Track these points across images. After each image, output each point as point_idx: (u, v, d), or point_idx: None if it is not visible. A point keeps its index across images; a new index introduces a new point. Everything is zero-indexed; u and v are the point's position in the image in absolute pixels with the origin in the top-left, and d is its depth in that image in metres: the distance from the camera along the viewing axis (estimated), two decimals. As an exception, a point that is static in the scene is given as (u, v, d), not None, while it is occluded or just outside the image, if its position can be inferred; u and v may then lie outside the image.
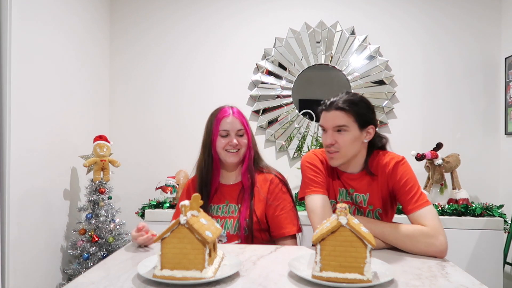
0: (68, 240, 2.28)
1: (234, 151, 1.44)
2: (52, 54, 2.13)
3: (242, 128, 1.45)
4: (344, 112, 1.26)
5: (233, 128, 1.43)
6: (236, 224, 1.40)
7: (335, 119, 1.27)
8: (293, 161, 2.75)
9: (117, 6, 2.82)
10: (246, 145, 1.46)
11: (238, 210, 1.42)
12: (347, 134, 1.27)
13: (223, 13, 2.78)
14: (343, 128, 1.27)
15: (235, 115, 1.45)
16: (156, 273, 0.90)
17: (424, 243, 1.15)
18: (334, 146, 1.28)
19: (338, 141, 1.27)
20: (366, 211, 1.34)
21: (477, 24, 2.69)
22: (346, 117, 1.26)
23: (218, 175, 1.49)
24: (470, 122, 2.69)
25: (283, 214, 1.42)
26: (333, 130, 1.28)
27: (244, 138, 1.46)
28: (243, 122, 1.46)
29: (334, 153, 1.29)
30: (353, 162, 1.34)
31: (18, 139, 1.83)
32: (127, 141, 2.78)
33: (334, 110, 1.27)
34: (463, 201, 2.34)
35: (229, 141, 1.43)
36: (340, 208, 0.88)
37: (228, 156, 1.44)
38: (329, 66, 2.72)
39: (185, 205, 0.91)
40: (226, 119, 1.44)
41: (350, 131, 1.27)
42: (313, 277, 0.90)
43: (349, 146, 1.28)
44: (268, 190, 1.44)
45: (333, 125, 1.28)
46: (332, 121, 1.28)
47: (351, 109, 1.26)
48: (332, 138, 1.28)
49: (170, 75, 2.80)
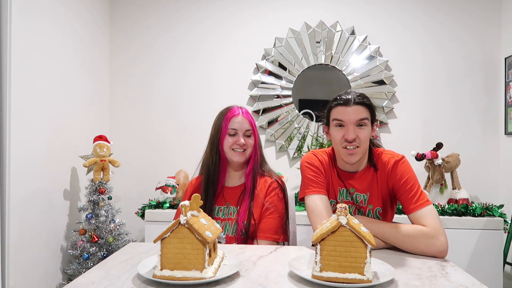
0: (68, 240, 2.28)
1: (240, 150, 1.44)
2: (52, 54, 2.13)
3: (250, 128, 1.46)
4: (364, 107, 1.28)
5: (241, 128, 1.44)
6: (234, 226, 1.40)
7: (358, 113, 1.27)
8: (293, 161, 2.75)
9: (117, 6, 2.81)
10: (252, 146, 1.47)
11: (237, 212, 1.42)
12: (367, 129, 1.28)
13: (222, 13, 2.78)
14: (365, 122, 1.28)
15: (244, 115, 1.46)
16: (156, 273, 0.90)
17: (425, 244, 1.15)
18: (355, 141, 1.27)
19: (359, 136, 1.27)
20: (366, 211, 1.34)
21: (477, 24, 2.69)
22: (366, 111, 1.28)
23: (225, 174, 1.49)
24: (470, 122, 2.69)
25: (270, 219, 1.40)
26: (355, 124, 1.27)
27: (251, 139, 1.46)
28: (251, 123, 1.47)
29: (355, 149, 1.28)
30: (360, 160, 1.34)
31: (18, 139, 1.83)
32: (127, 141, 2.78)
33: (355, 105, 1.27)
34: (463, 201, 2.34)
35: (237, 140, 1.43)
36: (340, 208, 0.88)
37: (234, 155, 1.44)
38: (329, 66, 2.72)
39: (185, 205, 0.91)
40: (235, 118, 1.44)
41: (368, 126, 1.29)
42: (313, 277, 0.90)
43: (367, 142, 1.30)
44: (266, 192, 1.44)
45: (356, 119, 1.27)
46: (355, 115, 1.27)
47: (369, 106, 1.29)
48: (354, 133, 1.27)
49: (170, 74, 2.80)
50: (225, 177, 1.49)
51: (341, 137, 1.28)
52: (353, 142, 1.26)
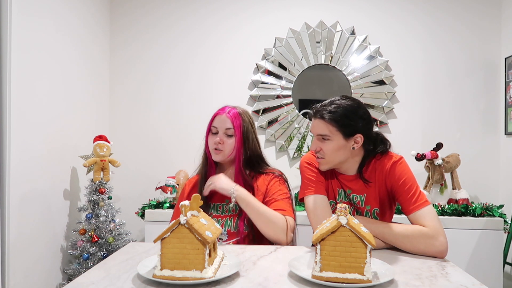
0: (68, 240, 2.28)
1: (218, 149, 1.42)
2: (52, 53, 2.13)
3: (231, 127, 1.42)
4: (326, 123, 1.26)
5: (221, 126, 1.42)
6: (237, 221, 1.40)
7: (317, 127, 1.29)
8: (293, 161, 2.75)
9: (117, 4, 2.81)
10: (231, 147, 1.42)
11: (239, 209, 1.41)
12: (330, 142, 1.27)
13: (223, 13, 2.78)
14: (325, 137, 1.27)
15: (227, 114, 1.43)
16: (156, 273, 0.90)
17: (424, 244, 1.15)
18: (319, 152, 1.30)
19: (322, 148, 1.28)
20: (364, 212, 1.34)
21: (477, 24, 2.69)
22: (329, 126, 1.26)
23: (213, 173, 1.47)
24: (470, 122, 2.69)
25: (277, 200, 1.40)
26: (317, 137, 1.30)
27: (231, 139, 1.42)
28: (233, 123, 1.42)
29: (320, 159, 1.31)
30: (345, 167, 1.34)
31: (18, 139, 1.83)
32: (127, 141, 2.78)
33: (318, 119, 1.29)
34: (463, 201, 2.34)
35: (215, 138, 1.43)
36: (340, 208, 0.88)
37: (213, 154, 1.44)
38: (329, 66, 2.71)
39: (185, 205, 0.91)
40: (218, 116, 1.44)
41: (333, 140, 1.27)
42: (313, 277, 0.90)
43: (333, 154, 1.28)
44: (267, 186, 1.45)
45: (315, 133, 1.30)
46: (314, 129, 1.30)
47: (333, 121, 1.25)
48: (316, 145, 1.30)
49: (170, 74, 2.80)
50: None
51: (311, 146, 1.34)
52: (317, 153, 1.30)
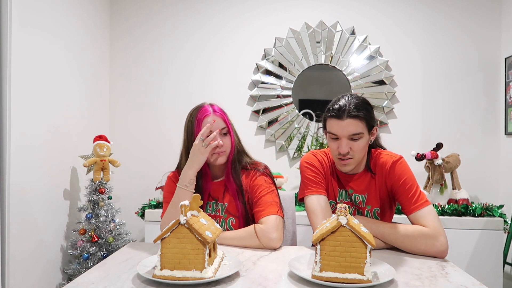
0: (68, 240, 2.28)
1: (219, 152, 1.36)
2: (52, 54, 2.13)
3: (225, 126, 1.36)
4: (358, 120, 1.22)
5: (215, 128, 1.33)
6: (229, 221, 1.38)
7: (350, 127, 1.22)
8: (293, 161, 2.75)
9: (117, 9, 2.81)
10: (230, 145, 1.38)
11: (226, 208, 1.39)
12: (362, 140, 1.24)
13: (223, 15, 2.78)
14: (358, 135, 1.23)
15: (216, 113, 1.36)
16: (156, 273, 0.90)
17: (424, 244, 1.15)
18: (349, 153, 1.24)
19: (353, 148, 1.24)
20: (364, 212, 1.34)
21: (477, 24, 2.69)
22: (361, 124, 1.23)
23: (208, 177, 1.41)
24: (470, 122, 2.69)
25: (263, 195, 1.34)
26: (348, 138, 1.23)
27: (228, 138, 1.38)
28: (225, 120, 1.37)
29: (348, 160, 1.26)
30: (358, 164, 1.33)
31: (18, 139, 1.83)
32: (127, 141, 2.78)
33: (349, 119, 1.21)
34: (463, 201, 2.34)
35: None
36: (340, 208, 0.88)
37: (214, 159, 1.36)
38: (329, 66, 2.71)
39: (185, 205, 0.91)
40: (207, 119, 1.34)
41: (364, 136, 1.25)
42: (313, 277, 0.90)
43: (362, 151, 1.27)
44: (254, 181, 1.38)
45: (349, 134, 1.22)
46: (348, 130, 1.22)
47: (364, 116, 1.23)
48: (347, 147, 1.23)
49: (170, 76, 2.79)
50: (209, 178, 1.41)
51: (336, 148, 1.26)
52: (347, 154, 1.25)
